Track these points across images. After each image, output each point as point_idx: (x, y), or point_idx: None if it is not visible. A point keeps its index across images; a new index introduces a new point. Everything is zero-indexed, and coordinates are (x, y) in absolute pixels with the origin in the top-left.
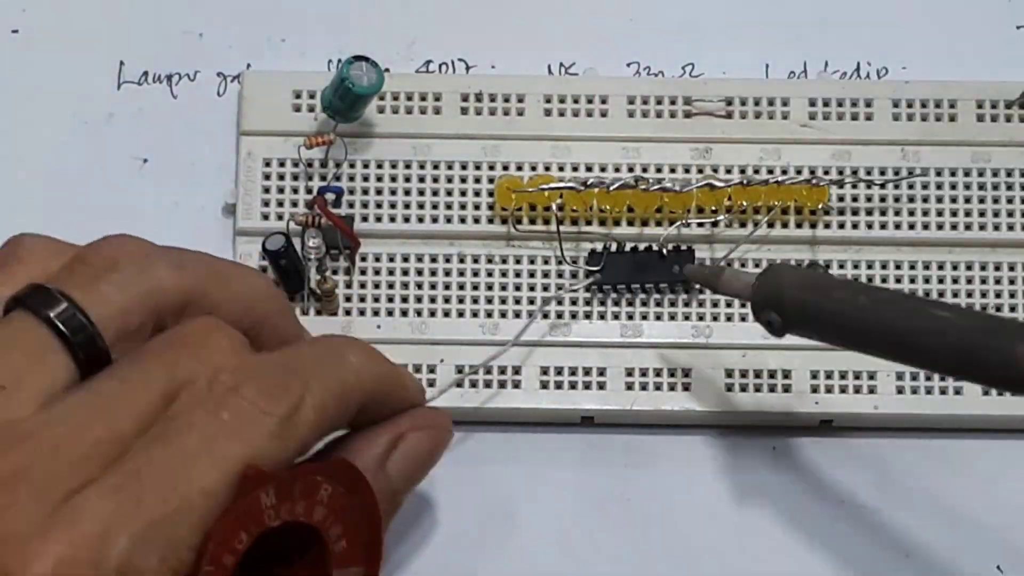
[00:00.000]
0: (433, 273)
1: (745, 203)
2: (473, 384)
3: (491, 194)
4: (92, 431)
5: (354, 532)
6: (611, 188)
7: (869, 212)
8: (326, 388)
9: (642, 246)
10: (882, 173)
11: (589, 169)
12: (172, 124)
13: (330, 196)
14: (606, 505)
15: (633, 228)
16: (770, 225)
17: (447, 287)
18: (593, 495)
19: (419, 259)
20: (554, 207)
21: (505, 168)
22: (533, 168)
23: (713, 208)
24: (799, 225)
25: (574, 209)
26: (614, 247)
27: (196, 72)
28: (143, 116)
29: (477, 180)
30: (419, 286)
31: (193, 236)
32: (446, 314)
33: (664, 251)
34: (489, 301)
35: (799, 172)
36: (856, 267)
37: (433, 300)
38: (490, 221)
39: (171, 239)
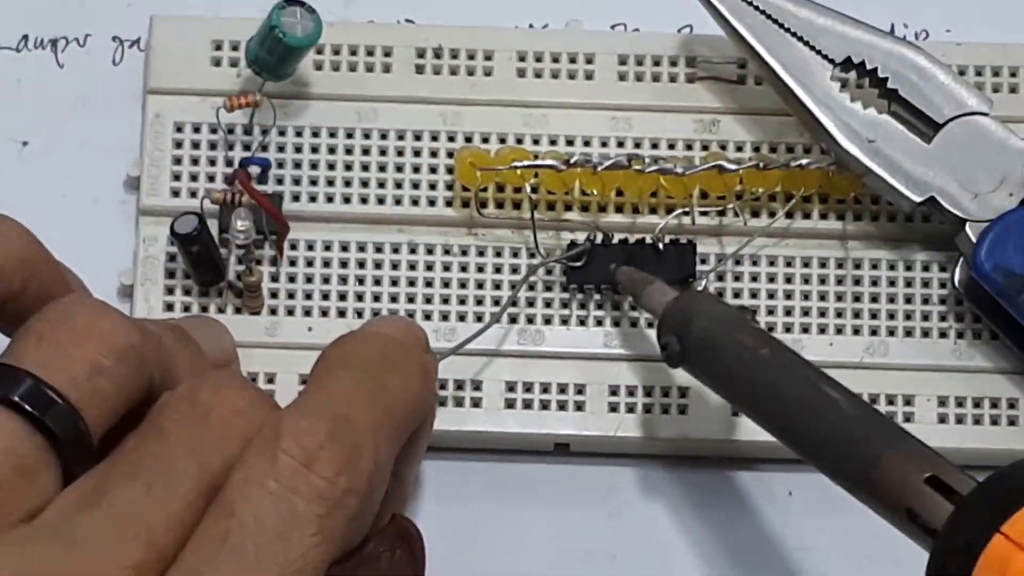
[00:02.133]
0: (378, 266)
1: (761, 189)
2: None
3: (451, 171)
4: (128, 556)
5: None
6: (599, 168)
7: None
8: (387, 436)
9: (633, 238)
10: None
11: (570, 143)
12: (58, 98)
13: (254, 170)
14: (585, 556)
15: (623, 216)
16: (790, 216)
17: (395, 283)
18: (569, 542)
19: (361, 248)
20: (527, 188)
21: (468, 140)
22: (502, 141)
23: (721, 195)
24: (825, 216)
25: (552, 192)
26: (599, 238)
27: (87, 36)
28: (22, 89)
29: (434, 154)
30: (361, 281)
31: (86, 226)
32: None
33: (660, 245)
34: (445, 301)
35: (827, 152)
36: (893, 267)
37: (378, 299)
38: (449, 204)
39: (58, 231)
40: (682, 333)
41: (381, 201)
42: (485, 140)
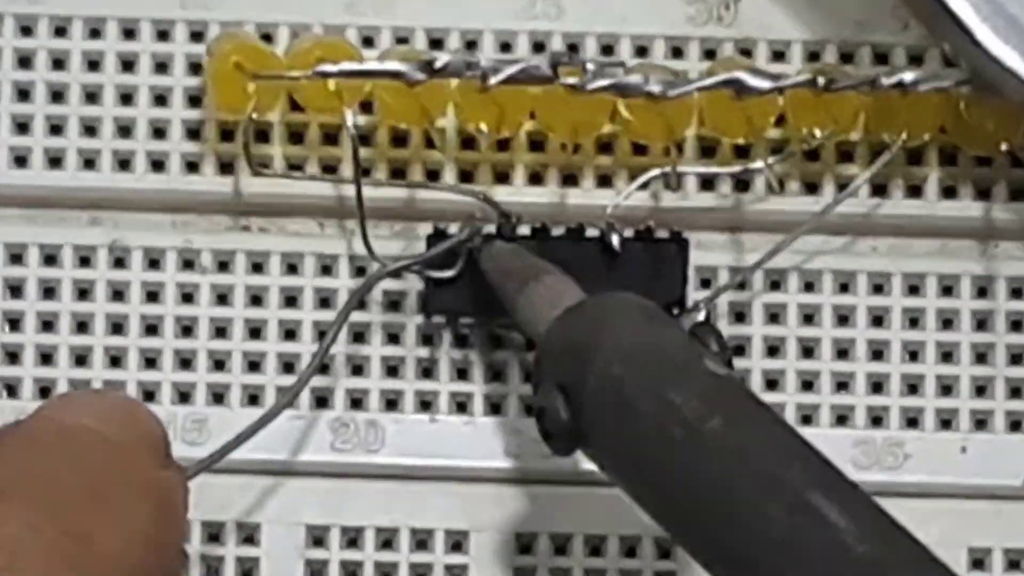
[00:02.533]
0: (50, 293)
1: (820, 133)
2: None
3: (196, 100)
4: None
5: None
6: (491, 80)
7: None
8: None
9: (561, 228)
10: None
11: (436, 44)
12: None
13: None
14: None
15: (541, 188)
16: (880, 191)
17: (83, 327)
18: None
19: (16, 258)
20: (348, 123)
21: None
22: (296, 35)
23: (741, 142)
24: (951, 192)
25: (399, 132)
26: (494, 226)
27: None
28: None
29: (162, 66)
30: (15, 324)
31: None
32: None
33: (616, 240)
34: (186, 364)
35: (956, 62)
36: None
37: (48, 360)
38: (192, 168)
39: None
40: (573, 382)
41: (56, 163)
42: (268, 38)
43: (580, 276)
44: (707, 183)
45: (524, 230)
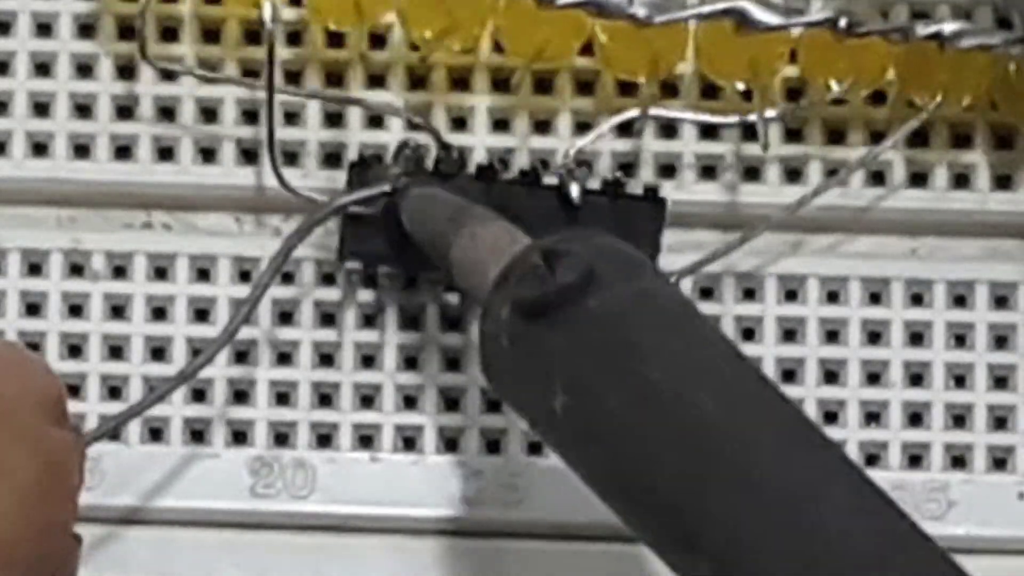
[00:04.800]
0: None
1: (837, 86)
2: None
3: None
4: None
5: None
6: None
7: None
8: None
9: (514, 169)
10: None
11: None
12: None
13: None
14: None
15: (506, 136)
16: (919, 180)
17: None
18: None
19: None
20: (267, 17)
21: None
22: None
23: (742, 85)
24: (1004, 182)
25: (335, 33)
26: (432, 158)
27: None
28: None
29: None
30: None
31: None
32: None
33: (575, 190)
34: (74, 391)
35: (1007, 22)
36: None
37: None
38: (83, 71)
39: None
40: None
41: None
42: None
43: (532, 233)
44: (707, 134)
45: (465, 167)
